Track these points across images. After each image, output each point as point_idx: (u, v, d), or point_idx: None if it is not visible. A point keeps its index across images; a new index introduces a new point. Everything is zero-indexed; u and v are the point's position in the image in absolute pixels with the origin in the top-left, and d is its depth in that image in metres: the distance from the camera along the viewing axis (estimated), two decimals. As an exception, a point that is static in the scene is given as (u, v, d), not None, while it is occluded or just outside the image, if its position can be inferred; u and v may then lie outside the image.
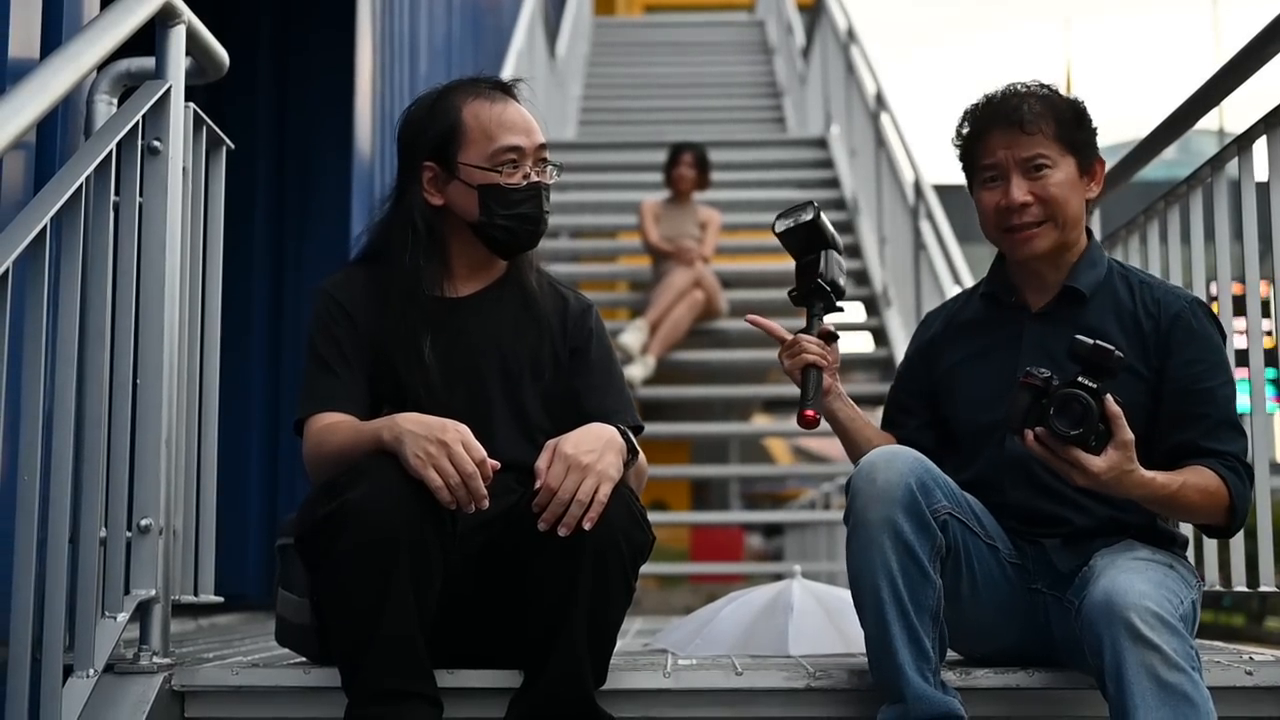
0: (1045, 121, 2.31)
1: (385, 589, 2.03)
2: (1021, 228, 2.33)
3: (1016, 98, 2.34)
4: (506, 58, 7.74)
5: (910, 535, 2.10)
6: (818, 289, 2.42)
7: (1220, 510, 2.23)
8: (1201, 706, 1.93)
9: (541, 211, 2.34)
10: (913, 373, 2.55)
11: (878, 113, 7.37)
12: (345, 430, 2.20)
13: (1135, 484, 2.13)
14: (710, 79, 12.28)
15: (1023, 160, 2.32)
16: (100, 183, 2.16)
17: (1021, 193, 2.31)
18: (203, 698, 2.29)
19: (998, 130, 2.34)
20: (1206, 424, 2.26)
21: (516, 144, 2.32)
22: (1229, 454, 2.25)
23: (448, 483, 2.03)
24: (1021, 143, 2.31)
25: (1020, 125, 2.31)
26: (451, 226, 2.36)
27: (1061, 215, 2.32)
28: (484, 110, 2.33)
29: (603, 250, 9.00)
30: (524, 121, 2.35)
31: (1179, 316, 2.31)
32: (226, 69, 2.56)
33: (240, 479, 5.04)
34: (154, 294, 2.27)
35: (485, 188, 2.31)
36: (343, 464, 2.13)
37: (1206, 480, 2.22)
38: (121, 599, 2.17)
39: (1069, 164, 2.33)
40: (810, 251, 2.44)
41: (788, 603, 3.09)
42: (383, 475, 2.05)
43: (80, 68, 2.10)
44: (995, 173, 2.34)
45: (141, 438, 2.23)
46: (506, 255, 2.39)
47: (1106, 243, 3.54)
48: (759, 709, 2.30)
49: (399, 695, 2.06)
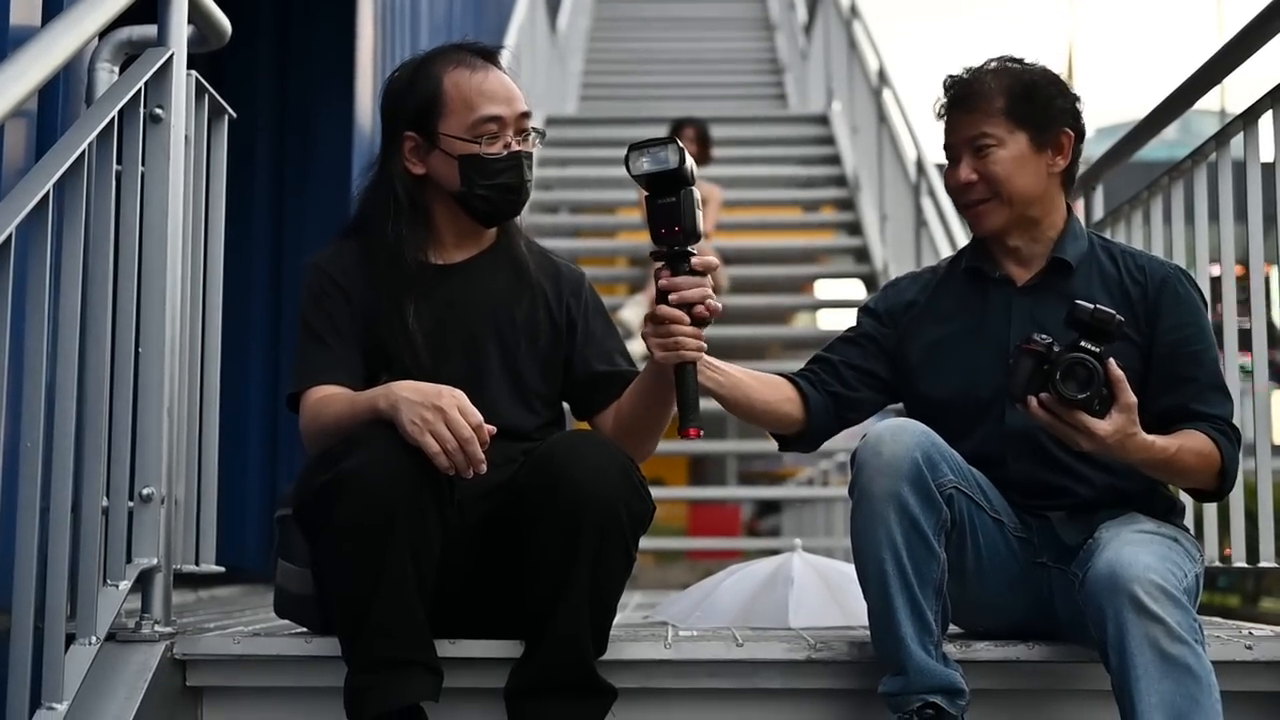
0: (988, 99, 2.33)
1: (383, 558, 2.04)
2: (971, 205, 2.36)
3: (968, 77, 2.38)
4: (508, 31, 7.71)
5: (916, 509, 2.10)
6: (678, 239, 2.16)
7: (1212, 474, 2.24)
8: (1204, 679, 1.94)
9: (523, 181, 2.33)
10: (879, 330, 2.46)
11: (880, 89, 7.35)
12: (341, 401, 2.20)
13: (1137, 447, 2.13)
14: (712, 54, 12.24)
15: (968, 139, 2.35)
16: (102, 150, 2.15)
17: (966, 171, 2.35)
18: (204, 666, 2.30)
19: (952, 111, 2.39)
20: (1195, 387, 2.28)
21: (497, 114, 2.30)
22: (1218, 417, 2.27)
23: (444, 448, 2.03)
24: (964, 122, 2.35)
25: (963, 104, 2.35)
26: (434, 195, 2.36)
27: (1007, 191, 2.33)
28: (464, 79, 2.32)
29: (603, 225, 8.98)
30: (505, 90, 2.33)
31: (1166, 281, 2.33)
32: (229, 37, 2.54)
33: (240, 450, 5.04)
34: (156, 262, 2.27)
35: (466, 158, 2.30)
36: (339, 435, 2.13)
37: (1200, 444, 2.23)
38: (123, 567, 2.18)
39: (1018, 140, 2.33)
40: (669, 193, 2.17)
41: (788, 575, 3.09)
42: (379, 444, 2.05)
43: (82, 34, 2.09)
44: (952, 153, 2.39)
45: (143, 406, 2.23)
46: (489, 224, 2.39)
47: (1109, 219, 3.54)
48: (760, 680, 2.30)
49: (398, 663, 2.06)
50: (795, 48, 11.41)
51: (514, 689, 2.15)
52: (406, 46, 5.89)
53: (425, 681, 2.08)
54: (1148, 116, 3.31)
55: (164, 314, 2.26)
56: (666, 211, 2.16)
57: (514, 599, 2.18)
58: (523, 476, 2.16)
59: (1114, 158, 3.58)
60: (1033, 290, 2.38)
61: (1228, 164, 2.86)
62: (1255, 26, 2.69)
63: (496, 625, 2.26)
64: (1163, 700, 1.92)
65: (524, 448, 2.24)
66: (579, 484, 2.08)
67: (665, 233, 2.16)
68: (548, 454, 2.14)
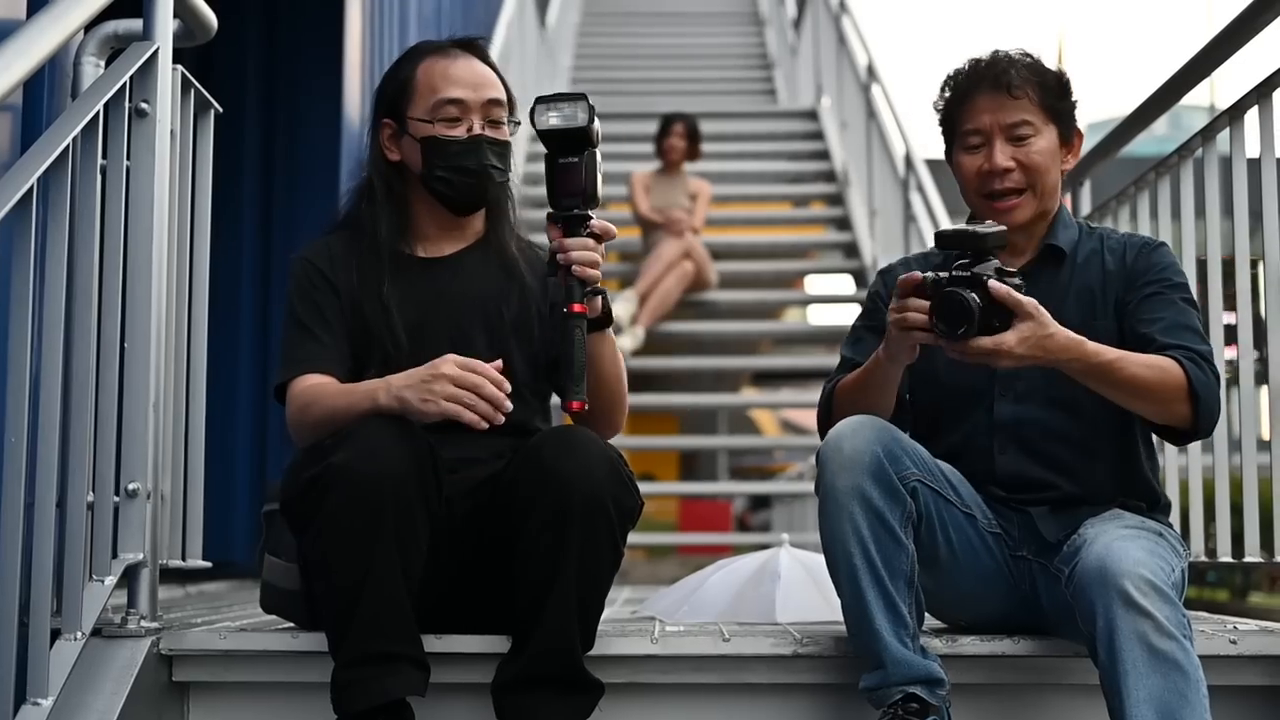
0: (1031, 88, 2.30)
1: (371, 552, 2.04)
2: (1003, 194, 2.31)
3: (1004, 62, 2.33)
4: (496, 26, 7.70)
5: (880, 502, 2.11)
6: (577, 201, 2.13)
7: (1178, 394, 2.16)
8: (1192, 675, 1.94)
9: (484, 165, 2.32)
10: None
11: (869, 84, 7.36)
12: (333, 393, 2.20)
13: (1061, 348, 2.10)
14: (701, 50, 12.24)
15: (1007, 126, 2.30)
16: (87, 144, 2.14)
17: (1004, 158, 2.30)
18: (191, 661, 2.29)
19: (983, 94, 2.32)
20: (1162, 324, 2.24)
21: (458, 96, 2.32)
22: (1188, 346, 2.20)
23: (467, 405, 2.05)
24: (1007, 107, 2.30)
25: (1008, 89, 2.30)
26: (410, 183, 2.38)
27: (1041, 184, 2.32)
28: (434, 65, 2.35)
29: (593, 221, 8.97)
30: (472, 75, 2.34)
31: (1144, 246, 2.34)
32: (215, 31, 2.54)
33: (228, 445, 5.03)
34: (141, 256, 2.26)
35: (426, 139, 2.32)
36: (333, 426, 2.13)
37: (1156, 359, 2.17)
38: (109, 563, 2.17)
39: (1051, 133, 2.33)
40: (573, 152, 2.12)
41: (775, 570, 3.09)
42: (368, 438, 2.05)
43: (67, 28, 2.08)
44: (979, 138, 2.33)
45: (129, 401, 2.23)
46: (457, 210, 2.38)
47: (1096, 214, 3.54)
48: (746, 675, 2.31)
49: (385, 657, 2.06)
50: (785, 43, 11.42)
51: (501, 683, 2.15)
52: (395, 42, 5.88)
53: (412, 676, 2.08)
54: (1135, 111, 3.32)
55: (150, 308, 2.25)
56: (569, 172, 2.13)
57: (503, 594, 2.18)
58: (512, 471, 2.16)
59: (1101, 152, 3.59)
60: (1026, 278, 2.35)
61: (1214, 160, 2.86)
62: (1241, 22, 2.70)
63: (485, 620, 2.26)
64: (1151, 695, 1.92)
65: (511, 442, 2.23)
66: (568, 479, 2.08)
67: (565, 194, 2.14)
68: (537, 449, 2.14)
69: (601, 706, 2.15)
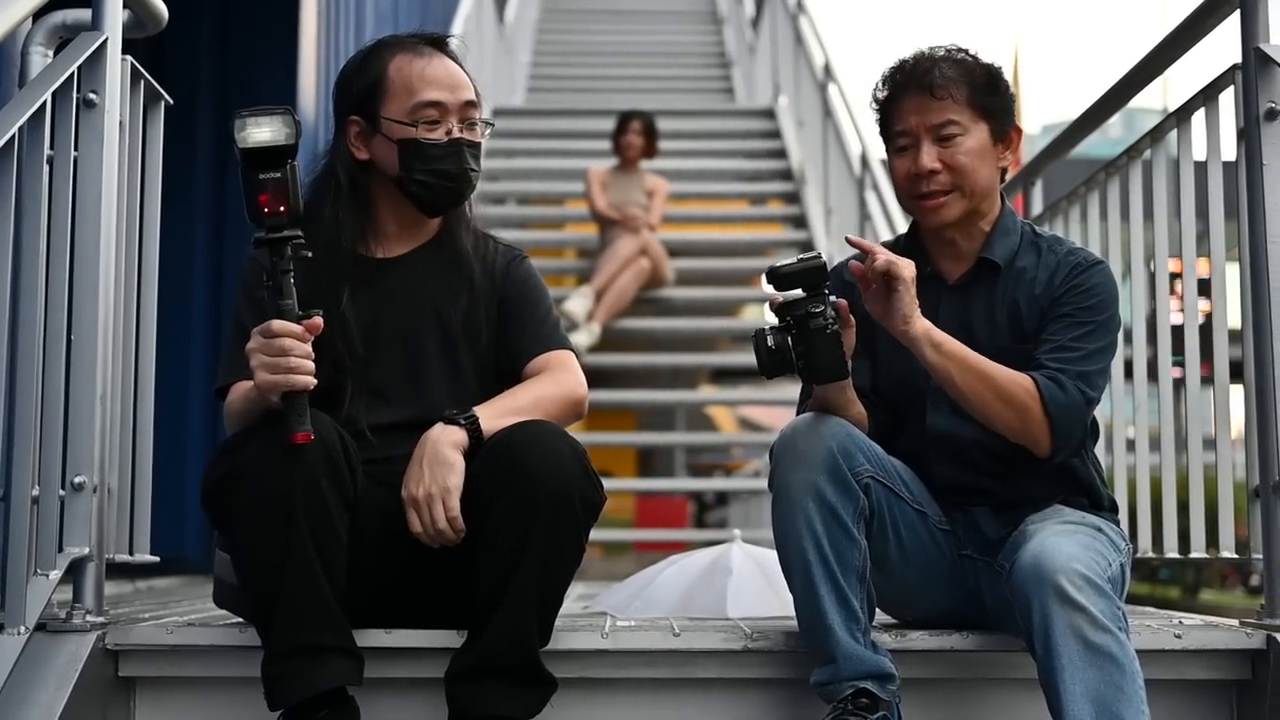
0: (956, 87, 2.27)
1: (285, 545, 2.03)
2: (930, 195, 2.29)
3: (929, 62, 2.30)
4: (454, 22, 7.67)
5: (833, 497, 2.12)
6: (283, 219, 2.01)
7: (1032, 409, 2.17)
8: (1127, 667, 1.96)
9: (464, 168, 2.31)
10: None
11: (826, 84, 7.39)
12: (243, 394, 2.19)
13: (918, 337, 2.16)
14: (660, 48, 12.25)
15: (932, 127, 2.27)
16: (34, 135, 2.13)
17: (931, 159, 2.27)
18: (136, 657, 2.27)
19: (909, 96, 2.29)
20: (1052, 345, 2.23)
21: (437, 99, 2.29)
22: (1059, 367, 2.20)
23: (285, 370, 2.03)
24: (932, 108, 2.27)
25: (930, 90, 2.27)
26: (377, 182, 2.35)
27: (969, 184, 2.28)
28: (408, 64, 2.31)
29: (550, 217, 8.97)
30: (448, 77, 2.32)
31: (1077, 267, 2.28)
32: (165, 23, 2.51)
33: (180, 439, 5.01)
34: (89, 247, 2.24)
35: (404, 142, 2.29)
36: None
37: (1014, 374, 2.19)
38: (54, 557, 2.15)
39: (981, 130, 2.29)
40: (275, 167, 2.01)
41: (726, 565, 3.11)
42: (272, 430, 2.05)
43: (13, 16, 2.07)
44: (907, 139, 2.30)
45: (76, 394, 2.21)
46: (430, 212, 2.37)
47: (1047, 214, 3.57)
48: (696, 670, 2.31)
49: (312, 649, 2.05)
50: (743, 42, 11.44)
51: (454, 673, 2.13)
52: (351, 35, 5.86)
53: (342, 666, 2.07)
54: (1086, 112, 3.35)
55: (97, 300, 2.23)
56: (275, 188, 2.00)
57: (458, 587, 2.17)
58: (477, 464, 2.15)
59: (1052, 153, 3.62)
60: (962, 290, 2.35)
61: (1162, 161, 2.89)
62: (1189, 24, 2.73)
63: (439, 615, 2.25)
64: (1087, 689, 1.94)
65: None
66: (536, 472, 2.08)
67: (270, 212, 2.01)
68: (504, 442, 2.13)
69: (552, 702, 2.15)
